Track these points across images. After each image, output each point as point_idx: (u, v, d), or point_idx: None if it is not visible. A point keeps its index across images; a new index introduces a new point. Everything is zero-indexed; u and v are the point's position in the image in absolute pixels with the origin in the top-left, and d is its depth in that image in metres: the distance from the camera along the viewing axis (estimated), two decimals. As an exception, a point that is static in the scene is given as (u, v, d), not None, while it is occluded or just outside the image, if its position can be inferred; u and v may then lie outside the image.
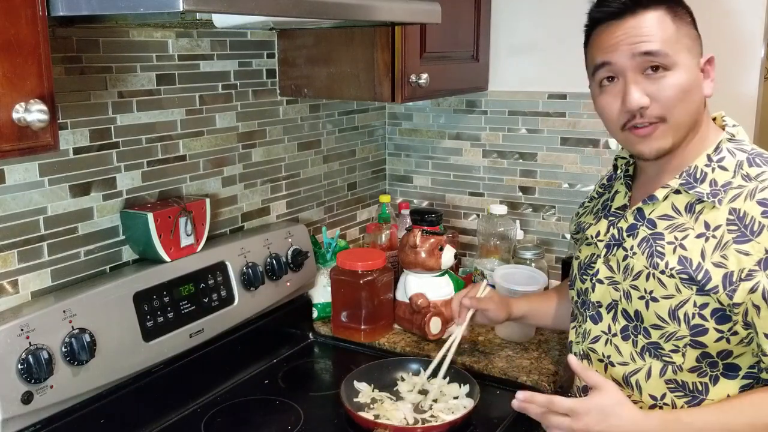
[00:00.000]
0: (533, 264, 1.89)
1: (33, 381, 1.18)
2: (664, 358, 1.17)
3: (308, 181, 2.00)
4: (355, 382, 1.52)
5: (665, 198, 1.19)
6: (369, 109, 2.22)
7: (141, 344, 1.37)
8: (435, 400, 1.48)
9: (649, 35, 1.12)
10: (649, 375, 1.20)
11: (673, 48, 1.12)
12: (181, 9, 0.88)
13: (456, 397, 1.48)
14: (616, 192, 1.32)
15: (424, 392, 1.51)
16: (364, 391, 1.51)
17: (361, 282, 1.74)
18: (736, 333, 1.12)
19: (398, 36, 1.63)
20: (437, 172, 2.28)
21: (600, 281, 1.27)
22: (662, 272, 1.15)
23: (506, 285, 1.74)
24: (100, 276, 1.42)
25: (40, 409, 1.20)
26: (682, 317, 1.14)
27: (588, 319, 1.30)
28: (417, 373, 1.57)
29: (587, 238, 1.34)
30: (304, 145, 1.96)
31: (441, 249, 1.79)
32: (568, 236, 2.01)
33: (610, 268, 1.25)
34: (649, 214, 1.20)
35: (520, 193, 2.16)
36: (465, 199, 2.25)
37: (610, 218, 1.28)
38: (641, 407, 1.20)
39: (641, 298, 1.19)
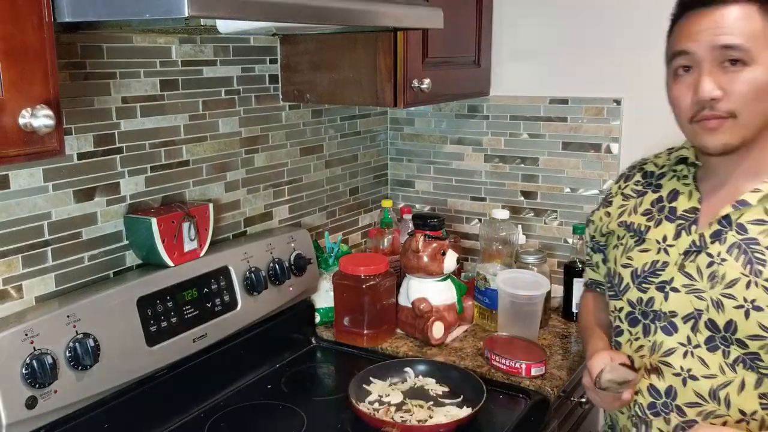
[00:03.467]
0: (535, 269, 1.89)
1: (37, 386, 1.18)
2: (761, 370, 1.11)
3: (310, 186, 2.00)
4: (367, 380, 1.54)
5: (757, 203, 1.13)
6: (371, 114, 2.23)
7: (144, 349, 1.37)
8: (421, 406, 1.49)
9: (733, 28, 1.09)
10: (742, 387, 1.13)
11: (756, 44, 1.08)
12: (186, 15, 0.89)
13: (459, 399, 1.49)
14: (677, 192, 1.25)
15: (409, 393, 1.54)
16: (375, 390, 1.52)
17: (364, 287, 1.74)
18: None
19: (400, 41, 1.64)
20: (439, 177, 2.28)
21: (675, 290, 1.19)
22: (767, 280, 1.09)
23: (509, 290, 1.74)
24: (103, 281, 1.43)
25: (44, 414, 1.20)
26: None
27: (659, 330, 1.21)
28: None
29: (643, 242, 1.26)
30: (307, 150, 1.97)
31: (443, 253, 1.80)
32: (570, 240, 2.02)
33: (689, 276, 1.17)
34: (738, 219, 1.14)
35: (522, 198, 2.16)
36: (467, 203, 2.25)
37: (679, 222, 1.21)
38: (726, 422, 1.15)
39: (739, 307, 1.11)
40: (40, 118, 0.89)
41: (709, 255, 1.15)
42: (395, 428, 1.37)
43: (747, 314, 1.10)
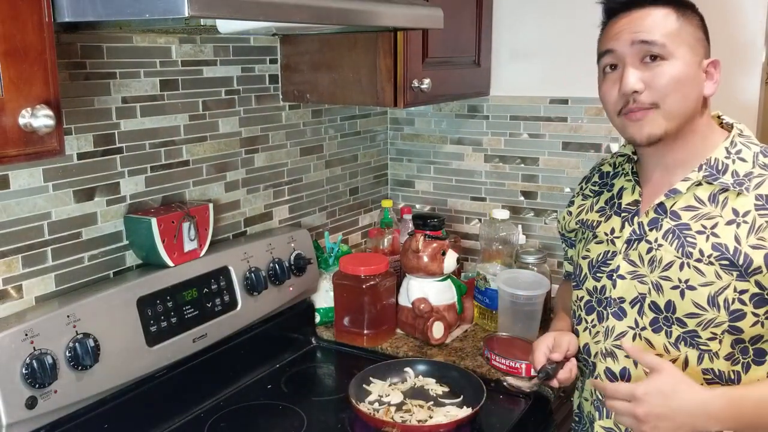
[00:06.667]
0: (535, 268, 1.89)
1: (37, 386, 1.18)
2: (701, 346, 1.18)
3: (310, 186, 2.00)
4: (368, 380, 1.54)
5: (687, 190, 1.21)
6: (371, 114, 2.23)
7: (144, 349, 1.37)
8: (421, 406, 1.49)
9: (650, 26, 1.19)
10: (686, 364, 1.19)
11: (673, 41, 1.17)
12: (187, 15, 0.89)
13: (458, 398, 1.49)
14: (622, 188, 1.33)
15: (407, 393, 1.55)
16: (375, 390, 1.52)
17: (364, 287, 1.74)
18: None
19: (401, 41, 1.64)
20: (439, 177, 2.28)
21: (621, 277, 1.26)
22: (698, 260, 1.17)
23: (509, 290, 1.74)
24: (103, 281, 1.43)
25: (44, 414, 1.21)
26: (722, 303, 1.15)
27: (610, 316, 1.28)
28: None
29: (596, 236, 1.34)
30: (307, 150, 1.97)
31: (443, 253, 1.80)
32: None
33: (632, 263, 1.25)
34: (672, 206, 1.22)
35: (522, 198, 2.16)
36: (467, 203, 2.25)
37: (623, 214, 1.29)
38: None
39: (675, 287, 1.19)
40: (40, 118, 0.89)
41: (648, 242, 1.23)
42: (395, 428, 1.37)
43: (682, 294, 1.18)
